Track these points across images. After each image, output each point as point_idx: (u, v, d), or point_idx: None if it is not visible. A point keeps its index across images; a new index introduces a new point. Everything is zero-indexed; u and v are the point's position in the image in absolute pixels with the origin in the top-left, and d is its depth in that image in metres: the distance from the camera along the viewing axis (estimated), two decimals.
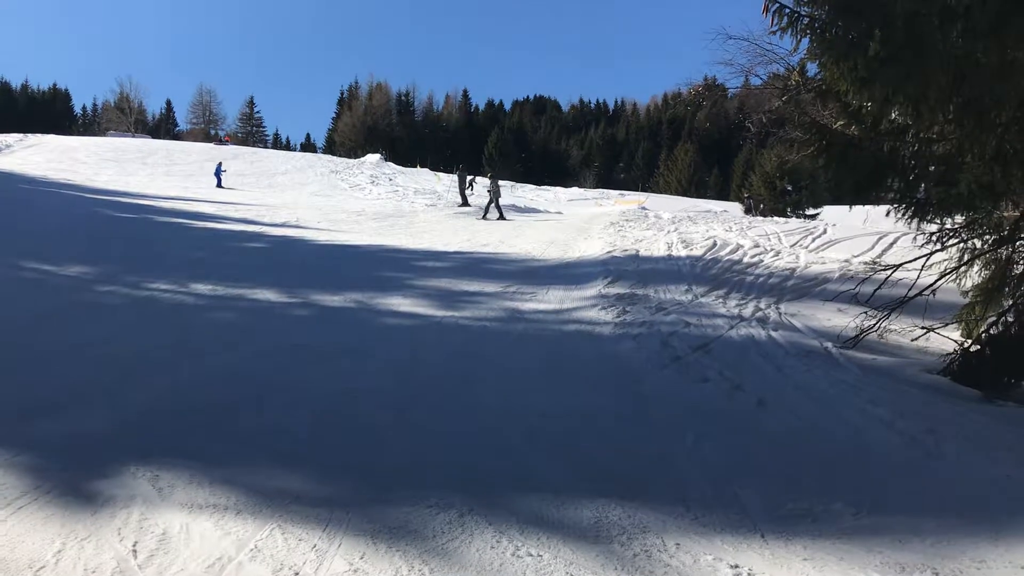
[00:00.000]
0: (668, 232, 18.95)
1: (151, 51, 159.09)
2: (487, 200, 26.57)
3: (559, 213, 32.38)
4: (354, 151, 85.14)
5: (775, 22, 7.80)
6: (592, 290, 12.42)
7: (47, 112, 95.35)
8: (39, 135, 50.52)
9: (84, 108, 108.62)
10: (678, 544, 4.44)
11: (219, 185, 34.94)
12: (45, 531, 4.34)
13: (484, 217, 25.25)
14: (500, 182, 31.72)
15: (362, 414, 6.68)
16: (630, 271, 13.84)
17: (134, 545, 4.23)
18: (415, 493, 5.04)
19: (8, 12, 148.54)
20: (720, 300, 11.72)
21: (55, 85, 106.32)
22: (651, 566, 4.19)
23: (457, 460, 5.69)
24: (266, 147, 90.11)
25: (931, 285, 9.30)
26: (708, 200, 60.11)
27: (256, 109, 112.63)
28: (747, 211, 41.70)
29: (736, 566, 4.19)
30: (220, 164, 37.86)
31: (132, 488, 4.94)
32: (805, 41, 7.87)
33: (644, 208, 32.61)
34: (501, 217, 25.47)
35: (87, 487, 4.94)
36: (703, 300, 11.69)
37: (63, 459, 5.33)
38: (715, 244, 16.61)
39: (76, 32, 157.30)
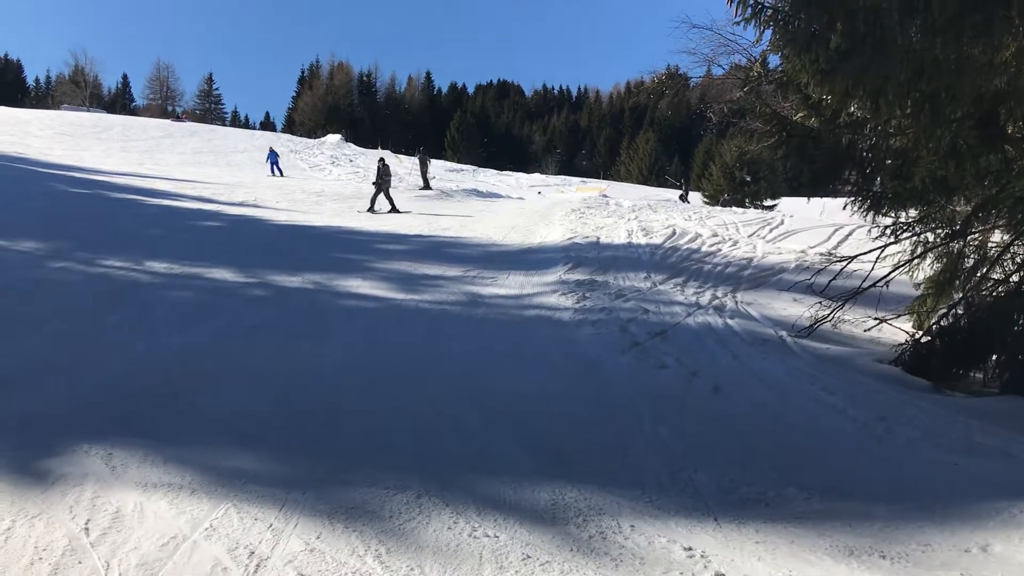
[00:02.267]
0: (628, 220, 19.05)
1: (107, 23, 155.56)
2: (375, 191, 22.51)
3: (520, 199, 32.34)
4: (314, 131, 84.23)
5: (739, 12, 7.84)
6: (553, 276, 12.45)
7: None
8: None
9: (37, 80, 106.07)
10: (633, 526, 4.49)
11: (274, 173, 33.10)
12: None
13: (371, 209, 21.64)
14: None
15: (319, 395, 6.65)
16: (590, 258, 13.90)
17: (86, 523, 4.17)
18: (372, 474, 5.03)
19: None
20: (678, 288, 11.82)
21: (6, 55, 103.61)
22: (606, 547, 4.23)
23: (415, 442, 5.69)
24: (224, 125, 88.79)
25: (884, 277, 9.45)
26: (669, 189, 60.43)
27: (215, 86, 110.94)
28: (681, 198, 42.05)
29: (690, 548, 4.25)
30: (273, 150, 35.74)
31: (84, 466, 4.87)
32: (768, 32, 7.93)
33: (605, 196, 32.74)
34: (393, 209, 21.99)
35: (38, 465, 4.86)
36: (662, 288, 11.79)
37: (13, 436, 5.25)
38: (674, 233, 16.74)
39: (29, 1, 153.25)
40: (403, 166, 43.81)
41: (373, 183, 22.92)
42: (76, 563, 3.81)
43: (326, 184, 30.36)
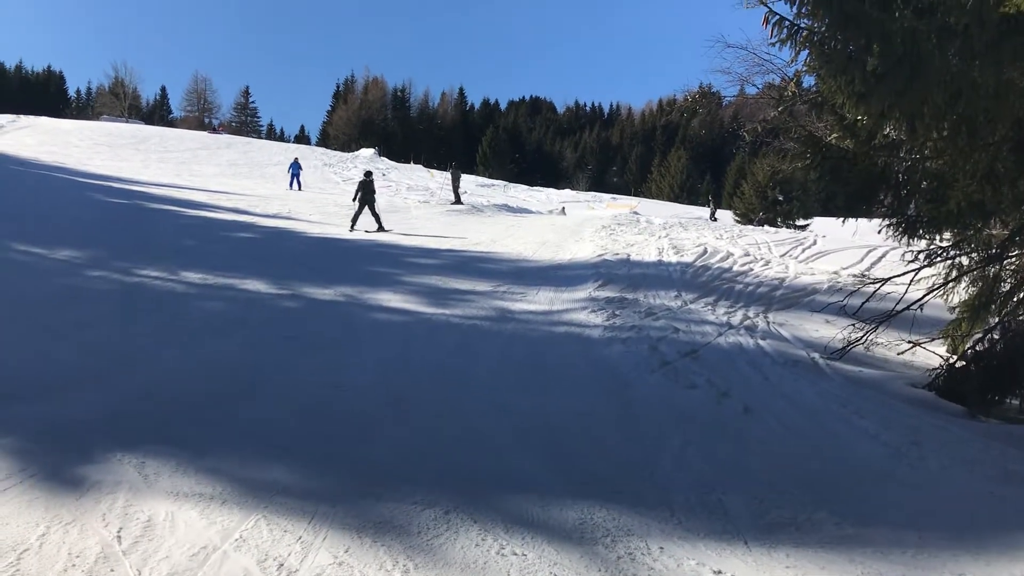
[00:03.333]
0: (659, 237, 19.01)
1: (147, 37, 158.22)
2: (358, 208, 20.47)
3: (562, 213, 32.28)
4: (348, 145, 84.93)
5: (774, 33, 7.83)
6: (582, 292, 12.44)
7: (41, 94, 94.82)
8: (32, 117, 50.35)
9: (78, 91, 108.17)
10: (662, 548, 4.47)
11: (293, 187, 31.75)
12: (29, 514, 4.34)
13: (352, 228, 19.92)
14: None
15: (350, 409, 6.69)
16: (621, 275, 13.87)
17: (119, 531, 4.22)
18: (401, 489, 5.05)
19: None
20: (709, 307, 11.76)
21: (49, 67, 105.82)
22: (634, 569, 4.21)
23: (444, 458, 5.70)
24: (260, 138, 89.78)
25: (919, 300, 9.35)
26: (701, 207, 60.23)
27: (251, 99, 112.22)
28: (711, 216, 41.86)
29: (719, 572, 4.22)
30: (297, 161, 34.10)
31: (118, 474, 4.94)
32: (803, 53, 7.91)
33: (636, 213, 32.69)
34: (380, 228, 20.25)
35: (72, 472, 4.93)
36: (692, 306, 11.74)
37: (49, 443, 5.33)
38: (705, 251, 16.67)
39: (71, 15, 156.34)
40: (435, 180, 44.04)
41: (354, 199, 20.79)
42: (108, 571, 3.86)
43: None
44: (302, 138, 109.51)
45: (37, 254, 11.83)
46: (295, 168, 32.75)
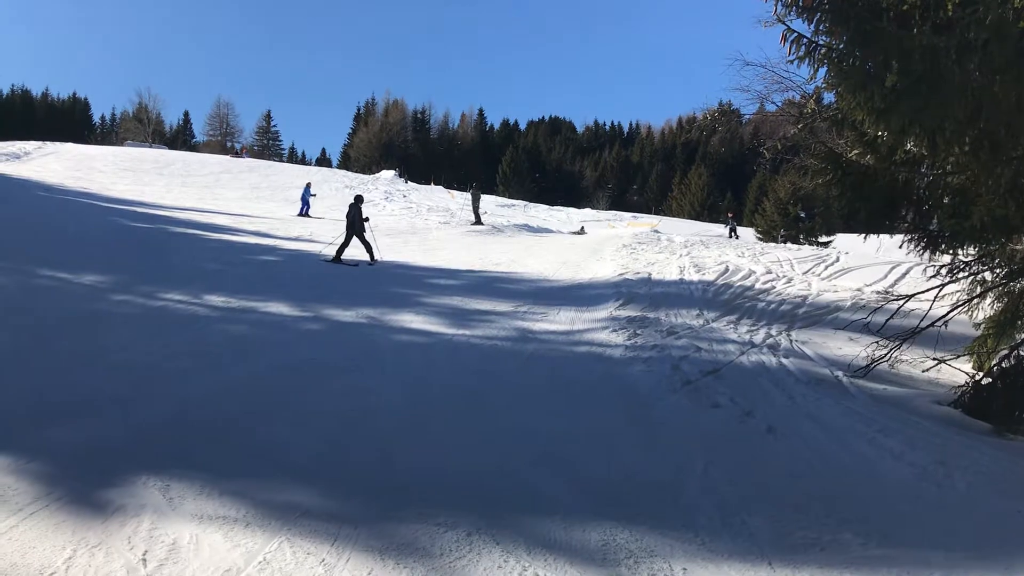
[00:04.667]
0: (680, 256, 18.95)
1: (170, 62, 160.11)
2: (345, 237, 17.76)
3: (582, 232, 32.26)
4: (369, 167, 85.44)
5: (792, 51, 7.83)
6: (603, 312, 12.42)
7: (66, 121, 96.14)
8: (57, 143, 50.93)
9: (103, 117, 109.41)
10: (685, 569, 4.45)
11: (304, 213, 29.75)
12: (56, 537, 4.39)
13: (337, 259, 17.20)
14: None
15: (372, 431, 6.71)
16: (642, 294, 13.84)
17: (144, 554, 4.26)
18: (424, 511, 5.06)
19: (29, 21, 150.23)
20: (731, 326, 11.71)
21: (75, 94, 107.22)
22: None
23: (466, 480, 5.71)
24: (282, 160, 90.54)
25: (943, 316, 9.27)
26: (721, 225, 59.95)
27: (273, 123, 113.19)
28: (730, 233, 41.60)
29: None
30: (309, 187, 32.08)
31: (142, 497, 4.99)
32: (822, 70, 7.91)
33: (657, 231, 32.64)
34: (372, 260, 17.45)
35: (98, 495, 4.99)
36: (714, 325, 11.69)
37: (74, 467, 5.39)
38: (727, 269, 16.60)
39: (96, 42, 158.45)
40: (455, 201, 44.19)
41: (351, 230, 17.81)
42: None
43: (380, 219, 30.72)
44: (323, 161, 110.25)
45: (62, 279, 11.97)
46: (307, 194, 31.55)
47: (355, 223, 17.77)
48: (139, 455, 5.67)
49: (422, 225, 28.80)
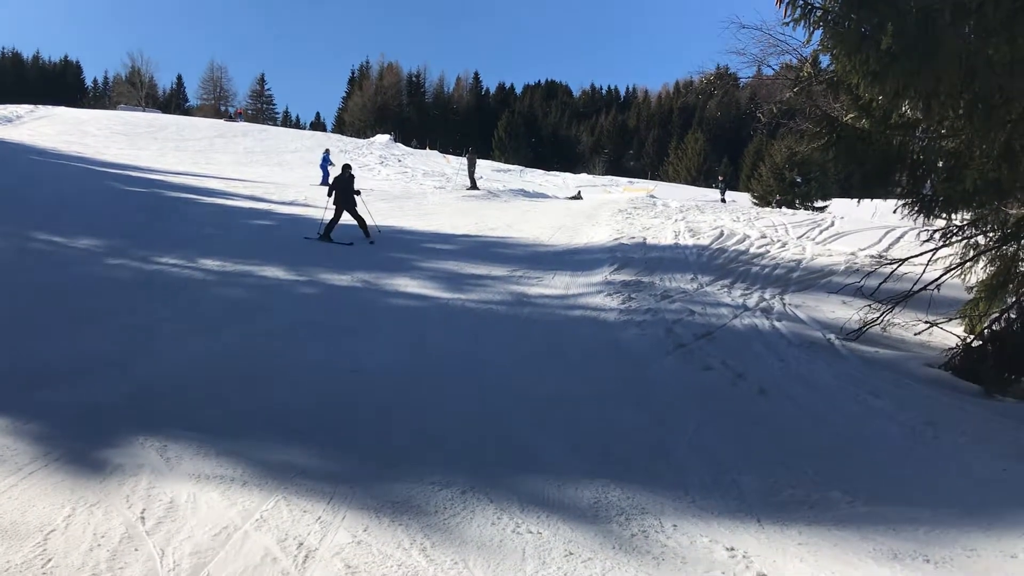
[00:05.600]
0: (676, 221, 18.94)
1: (163, 25, 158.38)
2: (335, 213, 15.46)
3: (578, 197, 32.15)
4: (363, 131, 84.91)
5: (788, 13, 7.80)
6: (598, 276, 12.46)
7: (58, 84, 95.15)
8: (50, 107, 50.51)
9: (95, 81, 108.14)
10: (675, 526, 4.53)
11: (325, 181, 26.42)
12: (55, 496, 4.45)
13: (327, 236, 15.04)
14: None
15: (368, 392, 6.78)
16: (637, 259, 13.87)
17: (142, 512, 4.32)
18: (418, 470, 5.14)
19: None
20: (725, 289, 11.76)
21: (66, 57, 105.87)
22: (648, 546, 4.28)
23: (461, 439, 5.78)
24: (276, 125, 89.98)
25: (935, 280, 9.32)
26: (715, 190, 59.81)
27: (267, 86, 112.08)
28: (722, 198, 41.52)
29: (732, 548, 4.28)
30: (328, 154, 30.13)
31: (140, 457, 5.05)
32: (818, 33, 7.88)
33: (653, 196, 32.59)
34: (368, 237, 15.44)
35: (96, 455, 5.05)
36: (708, 289, 11.73)
37: (72, 428, 5.45)
38: (722, 234, 16.61)
39: (88, 4, 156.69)
40: (451, 166, 44.04)
41: (329, 195, 15.82)
42: (133, 550, 3.95)
43: (375, 183, 30.58)
44: (318, 125, 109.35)
45: (58, 243, 11.96)
46: (327, 162, 29.36)
47: (345, 196, 15.52)
48: (136, 416, 5.72)
49: (417, 190, 28.73)
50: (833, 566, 4.14)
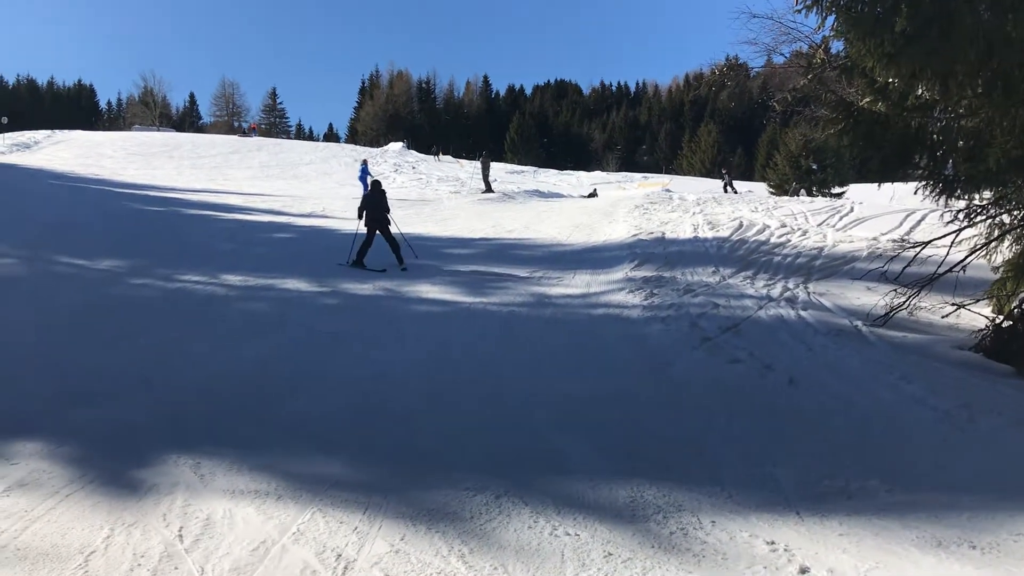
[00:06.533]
0: (693, 214, 18.87)
1: (173, 45, 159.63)
2: (368, 234, 13.79)
3: (594, 195, 32.05)
4: (376, 140, 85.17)
5: (799, 0, 7.76)
6: (619, 273, 12.43)
7: (73, 108, 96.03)
8: (66, 131, 51.05)
9: (109, 103, 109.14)
10: (714, 522, 4.49)
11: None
12: (93, 518, 4.47)
13: (355, 262, 13.26)
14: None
15: (395, 400, 6.78)
16: (657, 254, 13.83)
17: (180, 530, 4.34)
18: (451, 476, 5.12)
19: (31, 10, 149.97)
20: (748, 281, 11.69)
21: (80, 81, 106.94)
22: (688, 543, 4.24)
23: (491, 444, 5.77)
24: (289, 138, 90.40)
25: (961, 261, 9.23)
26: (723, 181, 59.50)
27: (279, 100, 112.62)
28: (725, 188, 41.17)
29: (772, 542, 4.23)
30: (366, 165, 29.59)
31: (174, 476, 5.06)
32: (830, 19, 7.84)
33: (668, 191, 32.47)
34: (400, 261, 13.35)
35: (131, 475, 5.07)
36: (731, 281, 11.67)
37: (106, 448, 5.48)
38: (741, 225, 16.53)
39: (98, 27, 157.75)
40: (464, 170, 44.09)
41: (360, 216, 14.06)
42: (173, 568, 3.96)
43: (391, 191, 30.65)
44: (331, 136, 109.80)
45: (81, 265, 12.06)
46: (364, 174, 28.30)
47: (376, 216, 13.84)
48: (168, 434, 5.75)
49: (433, 196, 28.76)
50: (876, 556, 4.09)
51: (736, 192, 33.94)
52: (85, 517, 4.48)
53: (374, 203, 13.99)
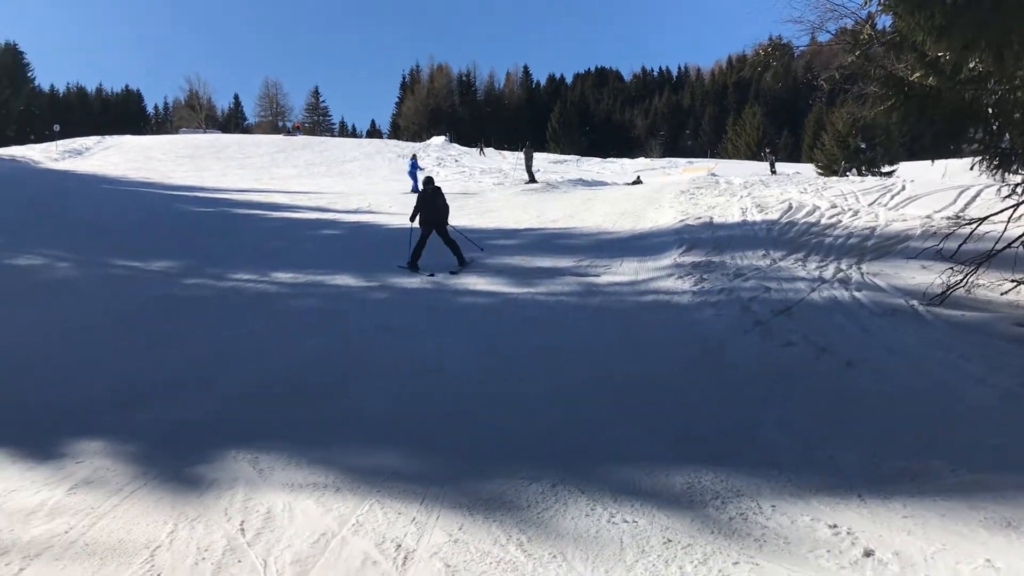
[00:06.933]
0: (741, 197, 18.63)
1: (217, 45, 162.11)
2: (422, 234, 13.01)
3: (638, 182, 31.85)
4: (418, 135, 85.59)
5: None
6: (667, 260, 12.33)
7: (121, 113, 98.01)
8: (115, 136, 52.11)
9: (156, 107, 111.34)
10: (774, 506, 4.43)
11: (416, 189, 25.24)
12: (157, 513, 4.56)
13: (411, 264, 12.46)
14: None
15: (448, 391, 6.82)
16: (705, 239, 13.70)
17: (241, 524, 4.40)
18: (506, 466, 5.14)
19: (77, 19, 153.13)
20: (799, 263, 11.52)
21: (127, 87, 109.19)
22: (748, 528, 4.19)
23: (545, 432, 5.77)
24: (333, 135, 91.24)
25: (1020, 236, 8.99)
26: (781, 162, 58.67)
27: (321, 99, 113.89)
28: (771, 169, 40.50)
29: (835, 526, 4.17)
30: (415, 159, 29.29)
31: (234, 471, 5.14)
32: None
33: (714, 175, 32.14)
34: (461, 262, 12.74)
35: (191, 471, 5.16)
36: (782, 264, 11.51)
37: (166, 445, 5.60)
38: (791, 207, 16.29)
39: (142, 32, 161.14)
40: (507, 161, 44.10)
41: (412, 219, 13.47)
42: (236, 562, 4.02)
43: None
44: (373, 132, 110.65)
45: (135, 267, 12.30)
46: (414, 169, 28.22)
47: (431, 216, 13.21)
48: (226, 430, 5.85)
49: (476, 188, 28.79)
50: (943, 538, 4.01)
51: (774, 173, 33.44)
52: (149, 513, 4.57)
53: (429, 202, 13.28)
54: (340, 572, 3.90)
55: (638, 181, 32.90)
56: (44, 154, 37.36)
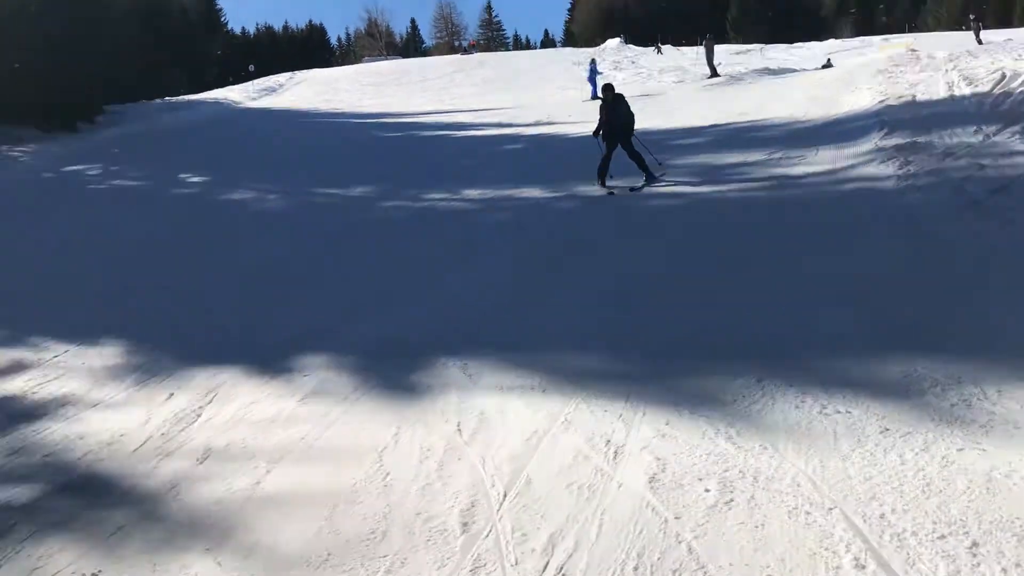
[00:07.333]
0: (946, 71, 17.17)
1: None
2: (607, 150, 11.62)
3: (828, 66, 29.97)
4: (593, 40, 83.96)
5: None
6: (867, 145, 11.65)
7: (307, 49, 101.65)
8: (304, 71, 54.14)
9: (339, 39, 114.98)
10: (999, 391, 4.19)
11: (595, 96, 23.46)
12: (380, 418, 4.89)
13: (604, 183, 11.49)
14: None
15: (648, 293, 6.87)
16: (907, 119, 12.81)
17: (458, 425, 4.65)
18: (707, 363, 5.15)
19: None
20: (1017, 137, 10.56)
21: (310, 22, 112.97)
22: (972, 415, 3.99)
23: (748, 327, 5.71)
24: (508, 50, 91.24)
25: None
26: (988, 30, 53.44)
27: (494, 13, 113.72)
28: (977, 39, 36.57)
29: None
30: (594, 64, 28.29)
31: (445, 377, 5.42)
32: None
33: (914, 50, 29.75)
34: (649, 178, 11.46)
35: (407, 379, 5.48)
36: (996, 139, 10.61)
37: (382, 357, 5.94)
38: (1004, 77, 14.84)
39: None
40: (687, 57, 42.59)
41: (596, 134, 12.00)
42: (456, 459, 4.26)
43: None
44: (547, 42, 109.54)
45: (335, 194, 12.97)
46: (593, 73, 26.88)
47: (615, 127, 11.69)
48: (435, 340, 6.13)
49: (656, 88, 28.06)
50: None
51: (980, 43, 30.49)
52: (374, 418, 4.90)
53: (612, 112, 11.78)
54: (554, 467, 4.05)
55: (828, 65, 30.92)
56: (243, 94, 39.27)
